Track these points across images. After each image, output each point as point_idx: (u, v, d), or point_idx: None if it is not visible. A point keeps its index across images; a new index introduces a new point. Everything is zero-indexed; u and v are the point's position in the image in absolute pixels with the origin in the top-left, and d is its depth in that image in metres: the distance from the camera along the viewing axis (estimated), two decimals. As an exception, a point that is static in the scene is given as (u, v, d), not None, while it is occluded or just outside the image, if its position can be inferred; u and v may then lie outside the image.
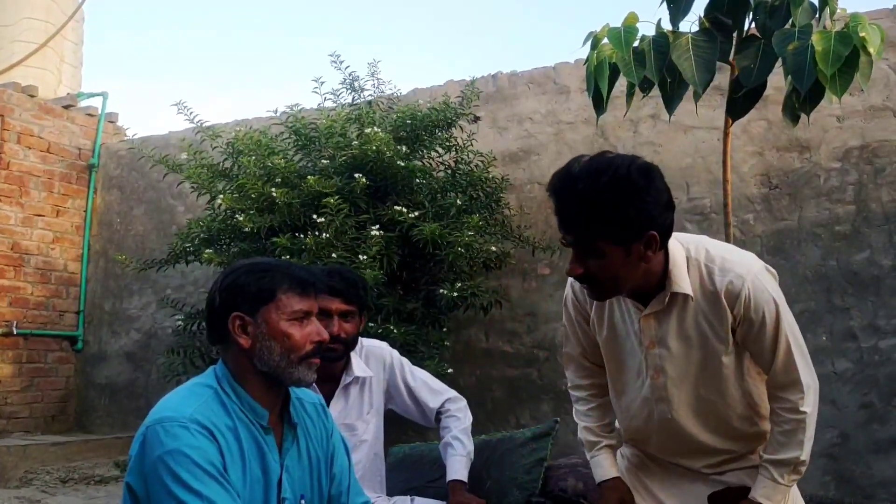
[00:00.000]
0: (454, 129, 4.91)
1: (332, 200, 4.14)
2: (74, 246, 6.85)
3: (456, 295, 4.28)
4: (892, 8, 4.32)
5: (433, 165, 4.89)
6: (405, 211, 4.27)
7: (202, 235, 4.75)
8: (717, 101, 4.38)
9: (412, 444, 3.40)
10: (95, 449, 6.00)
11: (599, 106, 3.08)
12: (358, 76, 5.06)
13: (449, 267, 4.36)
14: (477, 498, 2.59)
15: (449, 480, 2.62)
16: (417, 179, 4.51)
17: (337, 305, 2.52)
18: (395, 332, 4.08)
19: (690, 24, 2.97)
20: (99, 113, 7.07)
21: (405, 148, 4.51)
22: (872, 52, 2.76)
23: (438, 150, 4.89)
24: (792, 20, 2.80)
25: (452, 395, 2.82)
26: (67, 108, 6.90)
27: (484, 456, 2.92)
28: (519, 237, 4.88)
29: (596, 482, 2.03)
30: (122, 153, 6.95)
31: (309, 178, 4.29)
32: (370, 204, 4.47)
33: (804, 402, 1.76)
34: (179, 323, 5.01)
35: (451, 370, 4.23)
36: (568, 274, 1.74)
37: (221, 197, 4.58)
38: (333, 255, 4.07)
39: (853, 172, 4.27)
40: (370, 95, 5.10)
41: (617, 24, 2.95)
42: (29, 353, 6.43)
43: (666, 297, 1.77)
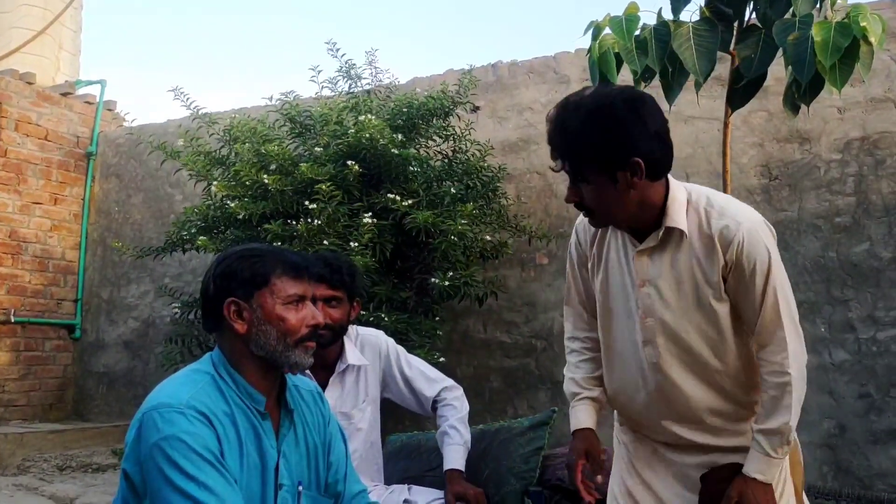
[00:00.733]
0: (452, 118, 4.89)
1: (324, 187, 4.13)
2: (72, 234, 6.84)
3: (448, 284, 4.26)
4: (893, -2, 4.30)
5: (430, 154, 4.88)
6: (399, 199, 4.26)
7: (198, 223, 4.74)
8: (717, 91, 4.37)
9: (409, 433, 3.40)
10: (93, 437, 6.01)
11: None
12: (355, 64, 5.05)
13: (442, 256, 4.34)
14: (474, 486, 2.59)
15: (446, 470, 2.62)
16: (412, 167, 4.50)
17: (321, 291, 2.52)
18: (386, 320, 4.08)
19: (691, 13, 2.97)
20: (97, 100, 7.04)
21: (401, 136, 4.49)
22: (873, 42, 2.74)
23: (436, 138, 4.87)
24: (793, 10, 2.79)
25: (449, 383, 2.82)
26: (65, 95, 6.88)
27: (481, 445, 2.92)
28: (516, 226, 4.87)
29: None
30: (120, 141, 6.93)
31: (301, 165, 4.28)
32: (364, 191, 4.46)
33: (789, 363, 1.74)
34: (177, 311, 5.00)
35: (442, 359, 4.23)
36: (566, 200, 1.80)
37: (216, 184, 4.57)
38: (325, 242, 4.06)
39: (853, 164, 4.26)
40: (368, 84, 5.09)
41: (618, 13, 2.94)
42: (27, 340, 6.43)
43: (660, 232, 1.78)
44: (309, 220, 4.14)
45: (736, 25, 3.01)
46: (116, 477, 5.22)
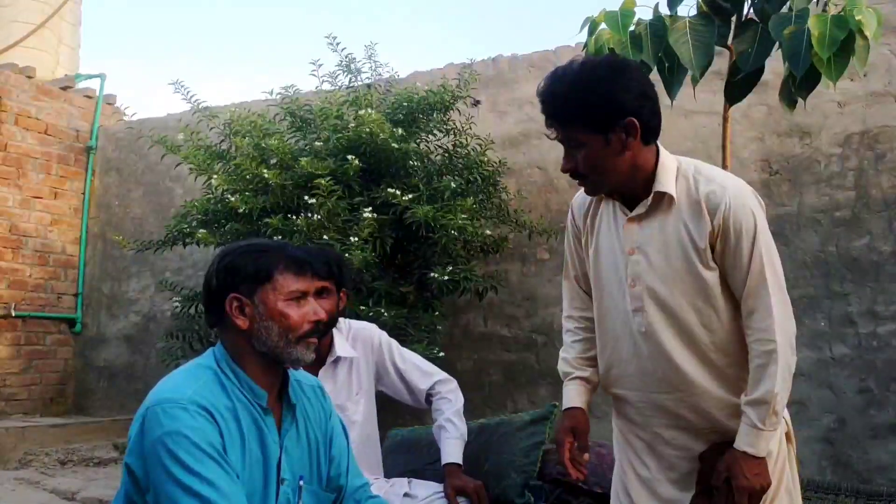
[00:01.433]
0: (452, 112, 4.89)
1: (323, 182, 4.12)
2: (73, 228, 6.85)
3: (447, 279, 4.26)
4: (894, -8, 4.29)
5: (430, 149, 4.87)
6: (399, 193, 4.25)
7: (199, 217, 4.74)
8: (717, 85, 4.33)
9: (410, 427, 3.41)
10: (94, 431, 6.03)
11: None
12: (355, 58, 5.04)
13: (442, 250, 4.34)
14: (474, 480, 2.60)
15: (444, 464, 2.63)
16: (412, 162, 4.49)
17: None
18: (386, 314, 4.08)
19: (689, 8, 2.97)
20: (97, 94, 7.04)
21: (401, 130, 4.48)
22: (869, 35, 2.74)
23: (436, 133, 4.87)
24: (789, 4, 2.79)
25: (443, 376, 2.81)
26: (65, 89, 6.87)
27: (482, 439, 2.93)
28: (516, 221, 4.87)
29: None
30: (120, 135, 6.93)
31: (301, 159, 4.27)
32: (364, 186, 4.45)
33: (774, 330, 1.74)
34: (177, 306, 5.00)
35: (442, 354, 4.23)
36: (562, 169, 1.85)
37: (216, 177, 4.57)
38: (325, 236, 4.06)
39: (853, 158, 4.26)
40: (367, 78, 5.08)
41: (614, 8, 2.94)
42: (27, 335, 6.44)
43: (650, 198, 1.82)
44: (309, 214, 4.14)
45: (734, 20, 3.00)
46: (118, 471, 5.23)
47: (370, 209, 4.20)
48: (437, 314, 4.59)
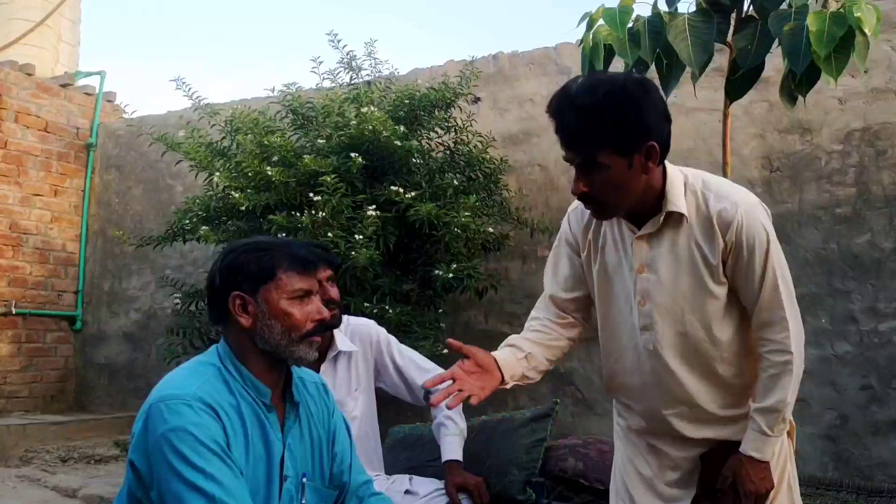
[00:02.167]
0: (453, 109, 4.89)
1: (328, 179, 4.12)
2: (73, 226, 6.84)
3: (451, 276, 4.25)
4: (895, -11, 4.29)
5: (432, 146, 4.87)
6: (402, 191, 4.25)
7: (200, 213, 4.73)
8: (718, 82, 4.34)
9: (411, 424, 3.41)
10: (95, 428, 6.03)
11: None
12: (356, 55, 5.03)
13: (445, 248, 4.34)
14: (475, 476, 2.59)
15: (445, 461, 2.63)
16: (414, 159, 4.49)
17: (325, 273, 2.52)
18: (389, 312, 4.08)
19: (688, 4, 2.97)
20: (97, 92, 7.03)
21: (403, 128, 4.48)
22: (868, 32, 2.73)
23: (437, 130, 4.87)
24: (789, 0, 2.78)
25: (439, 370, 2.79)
26: (65, 86, 6.86)
27: (484, 436, 2.93)
28: (517, 219, 4.87)
29: None
30: (120, 132, 6.92)
31: (305, 157, 4.27)
32: (367, 184, 4.45)
33: (790, 342, 1.75)
34: (178, 303, 5.00)
35: (445, 351, 4.23)
36: (573, 193, 1.75)
37: (218, 174, 4.56)
38: (329, 234, 4.05)
39: (854, 155, 4.26)
40: (368, 75, 5.07)
41: (613, 4, 2.94)
42: (28, 332, 6.44)
43: (661, 216, 1.77)
44: (313, 212, 4.14)
45: (734, 16, 3.00)
46: (119, 468, 5.24)
47: (373, 207, 4.19)
48: (440, 311, 4.60)
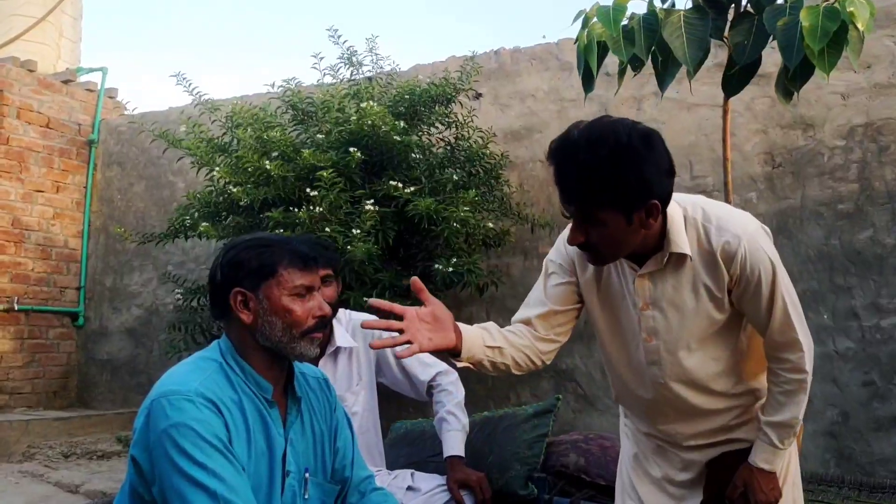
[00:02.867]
0: (454, 104, 4.88)
1: (326, 174, 4.12)
2: (75, 222, 6.85)
3: (451, 271, 4.25)
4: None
5: (433, 141, 4.87)
6: (401, 186, 4.25)
7: (201, 209, 4.73)
8: (719, 77, 4.32)
9: (413, 420, 3.42)
10: (97, 424, 6.04)
11: (588, 84, 3.07)
12: (356, 51, 5.03)
13: (445, 243, 4.34)
14: (477, 472, 2.59)
15: (446, 457, 2.62)
16: (414, 154, 4.49)
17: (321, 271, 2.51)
18: None
19: (684, 1, 2.95)
20: (98, 88, 7.03)
21: (403, 123, 4.48)
22: (861, 27, 2.73)
23: (438, 125, 4.86)
24: (784, -5, 2.77)
25: (443, 367, 2.76)
26: (67, 83, 6.86)
27: (486, 431, 2.93)
28: (518, 215, 4.86)
29: None
30: (121, 129, 6.92)
31: (304, 151, 4.27)
32: (366, 179, 4.45)
33: (805, 362, 1.76)
34: (179, 299, 5.00)
35: None
36: (569, 242, 1.72)
37: (218, 169, 4.57)
38: (327, 229, 4.05)
39: (857, 150, 4.25)
40: (369, 71, 5.07)
41: (609, 2, 2.92)
42: (30, 328, 6.45)
43: (664, 257, 1.75)
44: (311, 207, 4.14)
45: (731, 12, 3.00)
46: (121, 464, 5.25)
47: (372, 202, 4.19)
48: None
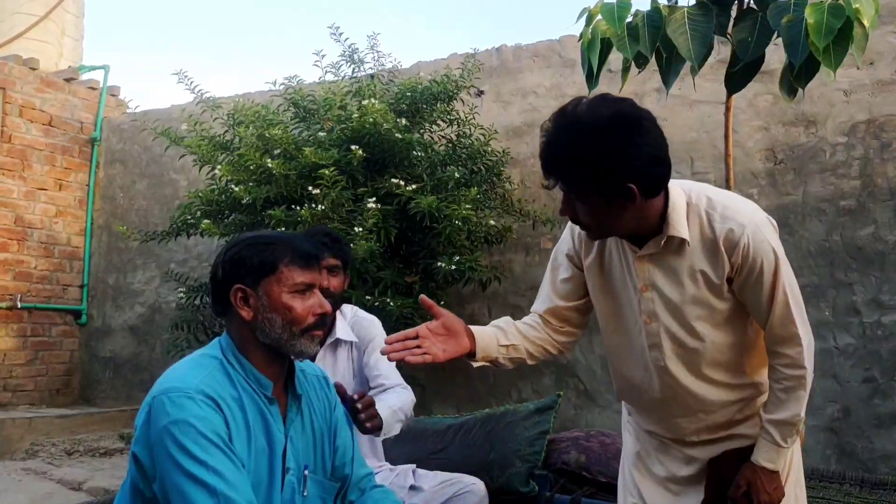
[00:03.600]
0: (456, 102, 4.88)
1: (327, 172, 4.12)
2: (77, 220, 6.86)
3: (453, 268, 4.26)
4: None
5: (434, 139, 4.87)
6: (403, 184, 4.25)
7: (203, 207, 4.74)
8: (722, 74, 4.33)
9: (415, 417, 3.42)
10: (100, 421, 6.05)
11: (591, 80, 3.07)
12: (357, 49, 5.04)
13: (447, 240, 4.35)
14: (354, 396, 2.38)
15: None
16: (416, 152, 4.49)
17: (325, 261, 2.48)
18: (391, 304, 4.08)
19: (688, -3, 2.95)
20: (100, 86, 7.04)
21: (404, 120, 4.48)
22: (866, 24, 2.72)
23: (440, 123, 4.86)
24: (788, -8, 2.77)
25: (406, 387, 2.66)
26: (69, 81, 6.87)
27: (487, 428, 2.94)
28: (519, 211, 4.86)
29: None
30: (124, 127, 6.93)
31: (305, 149, 4.27)
32: (368, 176, 4.46)
33: (804, 357, 1.74)
34: (182, 297, 5.02)
35: None
36: (560, 214, 1.74)
37: (220, 168, 4.57)
38: (329, 227, 4.06)
39: (859, 147, 4.24)
40: (370, 68, 5.08)
41: (613, -1, 2.93)
42: (33, 326, 6.47)
43: (662, 240, 1.74)
44: (313, 205, 4.14)
45: (735, 8, 2.99)
46: (124, 461, 5.26)
47: (374, 199, 4.20)
48: (442, 304, 4.59)
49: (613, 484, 2.16)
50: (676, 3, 2.96)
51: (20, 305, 6.31)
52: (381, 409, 2.35)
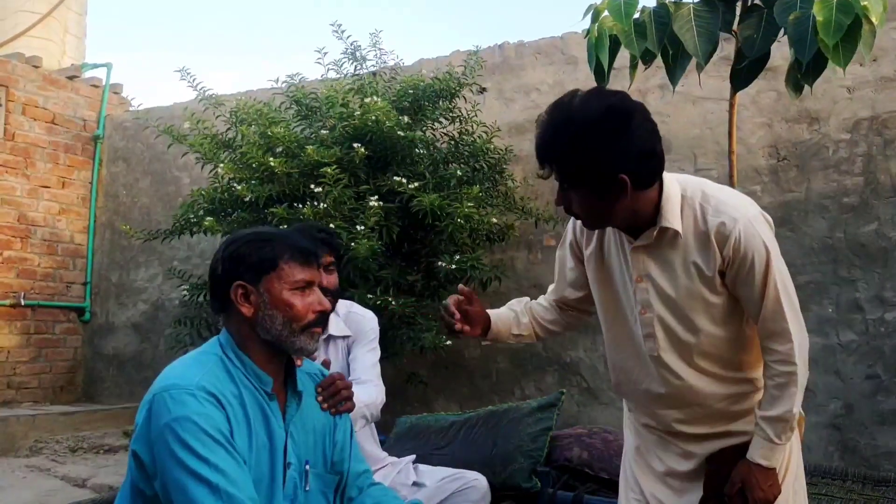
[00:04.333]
0: (458, 99, 4.88)
1: (329, 170, 4.12)
2: (81, 218, 6.87)
3: (455, 267, 4.26)
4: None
5: (437, 136, 4.86)
6: (405, 181, 4.24)
7: (205, 205, 4.74)
8: (726, 71, 4.30)
9: (418, 415, 3.43)
10: (103, 419, 6.07)
11: (601, 78, 3.07)
12: (360, 46, 5.03)
13: (449, 238, 4.34)
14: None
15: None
16: (418, 150, 4.49)
17: (324, 259, 2.45)
18: (393, 303, 4.08)
19: (694, -6, 2.95)
20: (103, 84, 7.05)
21: (407, 118, 4.48)
22: (875, 21, 2.72)
23: (442, 120, 4.86)
24: (793, -11, 2.76)
25: (381, 385, 2.65)
26: (72, 79, 6.88)
27: (490, 424, 2.95)
28: (522, 209, 4.86)
29: None
30: (126, 124, 6.94)
31: (307, 147, 4.27)
32: (370, 174, 4.45)
33: (795, 353, 1.74)
34: (185, 294, 5.02)
35: (449, 342, 4.24)
36: (556, 204, 1.79)
37: (222, 166, 4.57)
38: (331, 225, 4.06)
39: (862, 144, 4.24)
40: (373, 66, 5.07)
41: (622, -6, 2.92)
42: (37, 324, 6.49)
43: (654, 231, 1.76)
44: (315, 203, 4.14)
45: (739, 5, 2.99)
46: (127, 457, 5.27)
47: (376, 197, 4.19)
48: (444, 302, 4.58)
49: (615, 481, 2.17)
50: None
51: (24, 303, 6.33)
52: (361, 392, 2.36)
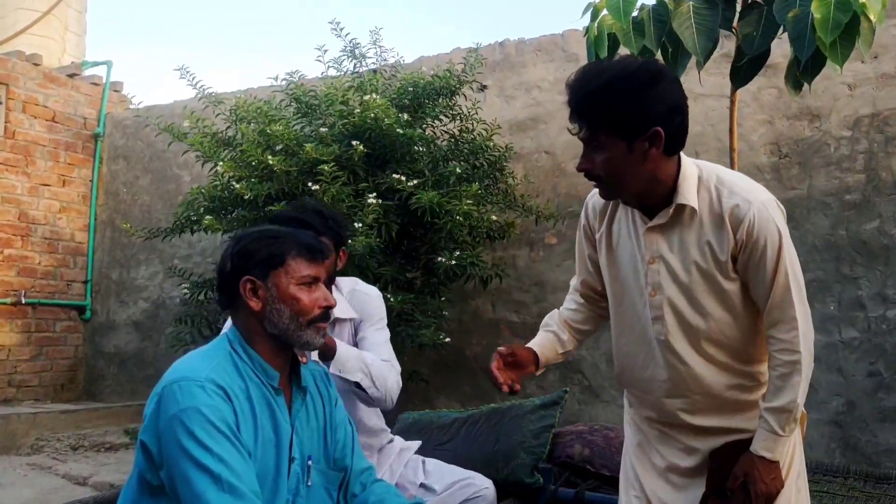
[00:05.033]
0: (458, 96, 4.87)
1: (327, 168, 4.12)
2: (81, 216, 6.87)
3: (454, 264, 4.25)
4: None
5: (437, 134, 4.86)
6: (404, 179, 4.24)
7: (205, 203, 4.74)
8: (726, 68, 4.30)
9: (421, 411, 3.44)
10: (105, 417, 6.07)
11: None
12: (359, 44, 5.02)
13: (448, 236, 4.34)
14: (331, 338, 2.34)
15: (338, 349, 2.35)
16: (417, 147, 4.48)
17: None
18: (392, 300, 4.08)
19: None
20: (103, 82, 7.05)
21: (406, 116, 4.47)
22: (873, 18, 2.72)
23: (442, 118, 4.85)
24: (794, -15, 2.76)
25: (396, 364, 2.57)
26: (72, 76, 6.88)
27: (493, 421, 2.95)
28: (522, 206, 4.86)
29: None
30: (127, 122, 6.94)
31: (306, 145, 4.27)
32: (369, 172, 4.45)
33: (799, 342, 1.75)
34: (186, 292, 5.02)
35: (448, 339, 4.24)
36: (577, 169, 1.81)
37: (222, 164, 4.57)
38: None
39: (864, 141, 4.23)
40: (373, 63, 5.07)
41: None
42: (37, 322, 6.48)
43: (671, 209, 1.78)
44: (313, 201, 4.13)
45: (739, 2, 2.99)
46: (129, 456, 5.27)
47: (375, 195, 4.19)
48: (443, 300, 4.59)
49: (616, 477, 2.17)
50: None
51: (24, 301, 6.33)
52: (350, 353, 2.37)
